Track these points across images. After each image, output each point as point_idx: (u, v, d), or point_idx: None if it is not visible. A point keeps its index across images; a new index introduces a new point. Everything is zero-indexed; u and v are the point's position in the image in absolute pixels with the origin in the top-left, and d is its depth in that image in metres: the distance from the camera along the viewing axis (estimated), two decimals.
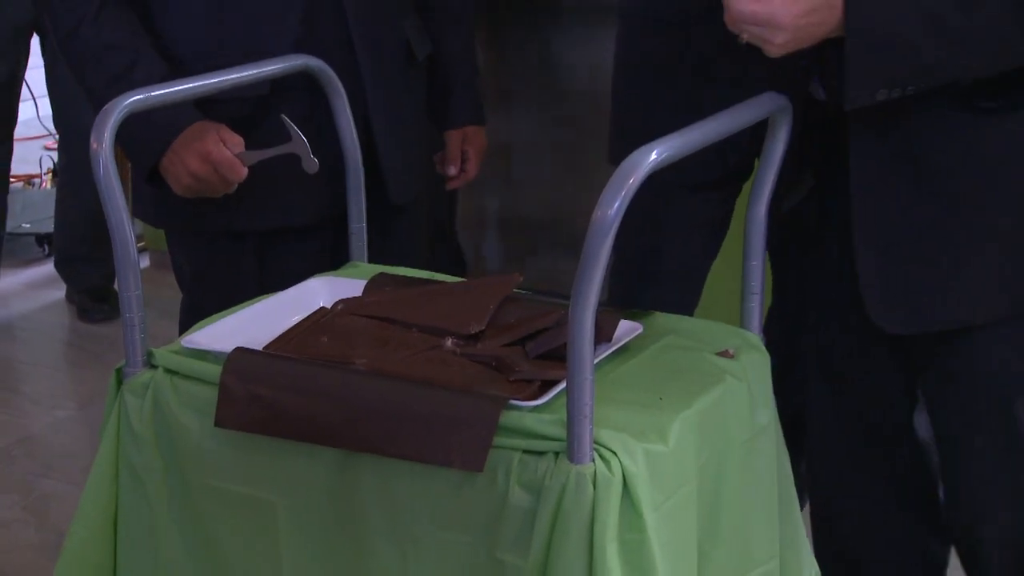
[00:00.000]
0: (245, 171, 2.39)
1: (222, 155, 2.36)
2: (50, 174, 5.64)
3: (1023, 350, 2.10)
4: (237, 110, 2.46)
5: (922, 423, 2.34)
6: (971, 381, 2.13)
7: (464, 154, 2.91)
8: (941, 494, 2.39)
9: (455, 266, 4.33)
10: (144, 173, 2.48)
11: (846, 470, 2.39)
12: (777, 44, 1.94)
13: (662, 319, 2.19)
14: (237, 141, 2.38)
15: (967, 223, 2.03)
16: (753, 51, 1.98)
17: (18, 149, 4.58)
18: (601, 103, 2.78)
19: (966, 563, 2.35)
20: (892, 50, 1.93)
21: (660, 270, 2.62)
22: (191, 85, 2.25)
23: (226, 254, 2.63)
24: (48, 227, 4.94)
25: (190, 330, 2.21)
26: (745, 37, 1.97)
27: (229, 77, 2.31)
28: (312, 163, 2.38)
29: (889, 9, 1.92)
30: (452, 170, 2.90)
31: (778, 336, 2.32)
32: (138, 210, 2.70)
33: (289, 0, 2.47)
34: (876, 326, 2.15)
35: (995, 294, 2.05)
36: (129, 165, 2.64)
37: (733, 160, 2.57)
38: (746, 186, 2.40)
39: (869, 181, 2.07)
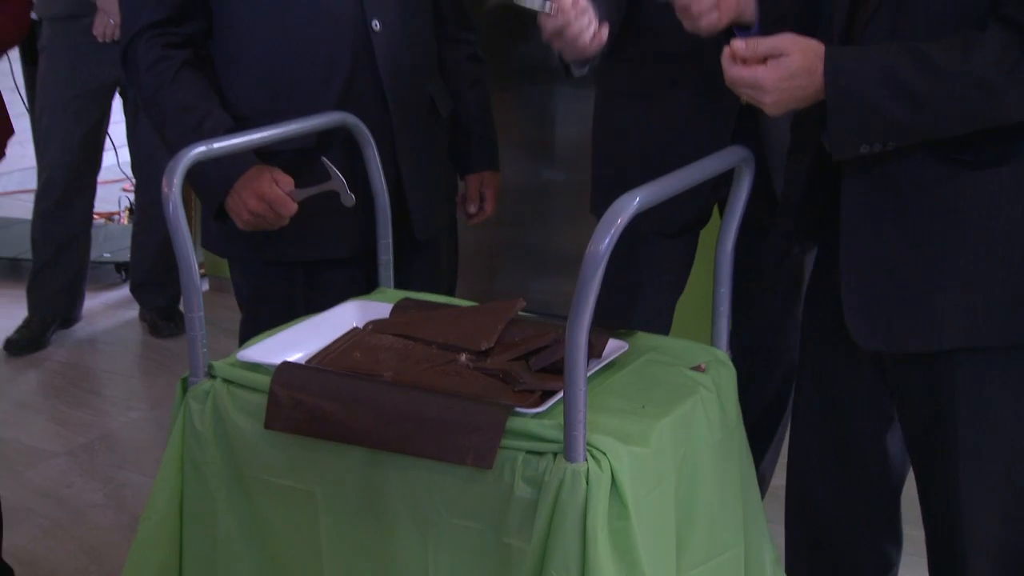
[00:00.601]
0: (295, 207, 2.35)
1: (275, 193, 2.32)
2: (127, 212, 5.62)
3: (982, 377, 2.02)
4: (287, 157, 2.41)
5: (895, 440, 2.27)
6: (935, 402, 2.06)
7: (482, 195, 2.85)
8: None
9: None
10: (212, 211, 2.44)
11: (822, 468, 2.33)
12: (767, 104, 1.94)
13: (644, 338, 2.16)
14: (288, 181, 2.35)
15: (939, 261, 1.96)
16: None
17: (100, 190, 4.59)
18: (585, 153, 2.74)
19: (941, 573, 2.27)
20: (867, 113, 1.90)
21: (636, 307, 2.59)
22: (248, 138, 2.24)
23: (278, 279, 2.59)
24: (125, 256, 4.91)
25: (244, 345, 2.18)
26: (743, 98, 1.97)
27: (280, 131, 2.29)
28: (349, 197, 2.35)
29: (863, 78, 1.89)
30: (472, 209, 2.85)
31: (738, 354, 2.26)
32: (206, 241, 2.67)
33: (334, 67, 2.44)
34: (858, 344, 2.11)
35: (959, 325, 1.98)
36: (198, 203, 2.59)
37: (695, 210, 2.55)
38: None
39: (856, 218, 2.02)
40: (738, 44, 1.92)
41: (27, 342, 4.39)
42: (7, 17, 2.49)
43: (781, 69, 1.90)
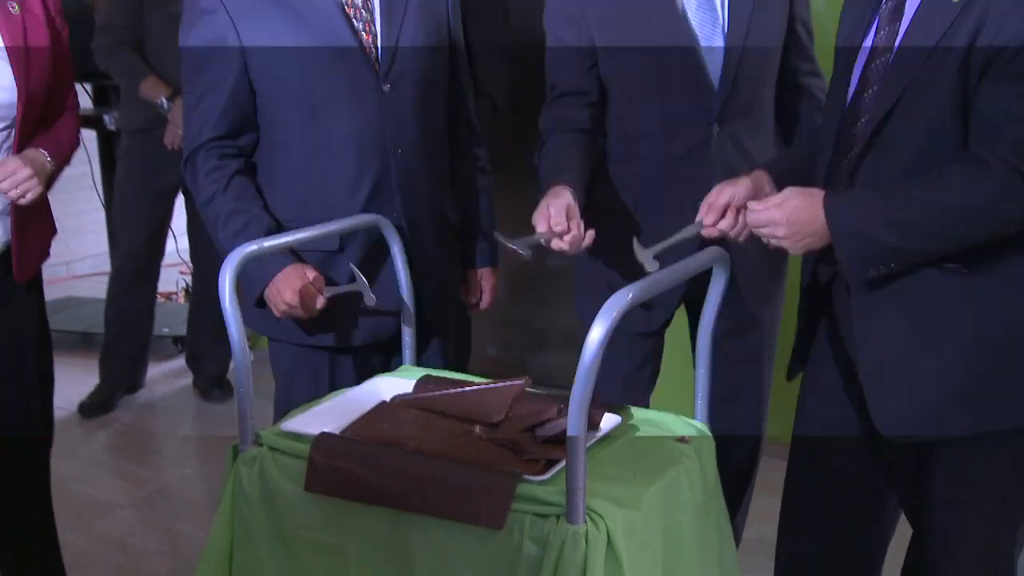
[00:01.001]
0: (323, 301, 2.34)
1: (308, 290, 2.31)
2: (183, 292, 5.63)
3: (974, 463, 2.01)
4: (316, 257, 2.40)
5: (879, 510, 2.24)
6: (933, 483, 2.04)
7: (480, 288, 2.82)
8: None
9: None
10: (253, 300, 2.42)
11: (813, 536, 2.28)
12: (784, 238, 1.97)
13: (636, 412, 2.14)
14: (319, 280, 2.34)
15: (944, 359, 1.95)
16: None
17: (160, 273, 4.59)
18: None
19: None
20: (866, 244, 1.92)
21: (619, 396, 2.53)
22: (290, 238, 2.25)
23: (307, 359, 2.55)
24: (181, 331, 4.92)
25: (286, 416, 2.17)
26: (764, 240, 2.00)
27: (320, 231, 2.30)
28: (371, 299, 2.35)
29: (857, 215, 1.92)
30: (473, 299, 2.82)
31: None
32: (248, 320, 2.61)
33: (359, 184, 2.43)
34: (865, 425, 2.09)
35: (958, 415, 1.96)
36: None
37: (670, 312, 2.55)
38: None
39: (869, 328, 2.01)
40: (753, 204, 2.00)
41: (98, 406, 4.39)
42: (70, 132, 2.53)
43: (788, 207, 1.94)
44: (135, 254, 4.35)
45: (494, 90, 3.76)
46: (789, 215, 1.94)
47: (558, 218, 2.18)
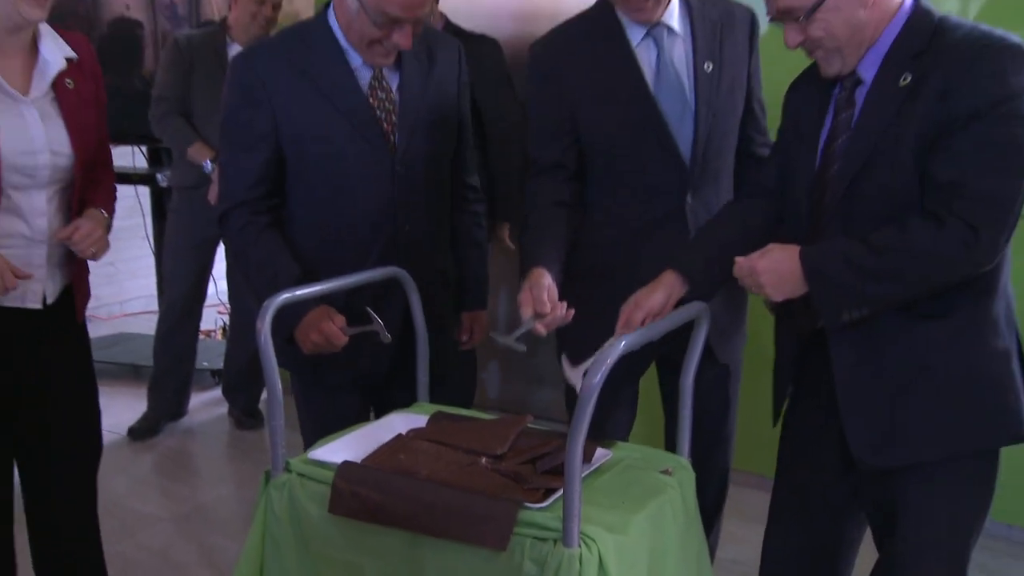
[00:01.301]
0: (346, 340, 2.34)
1: (332, 330, 2.31)
2: (221, 330, 5.62)
3: (943, 489, 2.02)
4: (337, 300, 2.39)
5: (852, 532, 2.24)
6: (906, 503, 2.04)
7: (472, 328, 2.81)
8: None
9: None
10: (284, 338, 2.41)
11: (793, 562, 2.26)
12: (765, 284, 1.95)
13: (624, 447, 2.14)
14: (341, 320, 2.34)
15: (913, 395, 1.97)
16: None
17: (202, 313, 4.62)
18: None
19: None
20: (838, 290, 1.92)
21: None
22: (316, 289, 2.24)
23: (327, 393, 2.56)
24: (218, 365, 4.92)
25: (313, 446, 2.17)
26: (752, 290, 1.99)
27: (345, 281, 2.30)
28: (386, 336, 2.36)
29: (830, 264, 1.91)
30: (464, 338, 2.80)
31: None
32: (279, 359, 2.63)
33: (372, 244, 2.44)
34: (839, 458, 2.09)
35: (929, 443, 1.98)
36: None
37: (648, 361, 2.55)
38: None
39: (846, 369, 2.01)
40: (738, 259, 1.98)
41: (145, 431, 4.39)
42: (113, 186, 2.55)
43: (767, 258, 1.94)
44: (182, 297, 4.36)
45: (505, 159, 3.80)
46: (770, 266, 1.94)
47: (540, 302, 2.18)
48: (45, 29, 2.32)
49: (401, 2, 2.24)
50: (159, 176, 4.66)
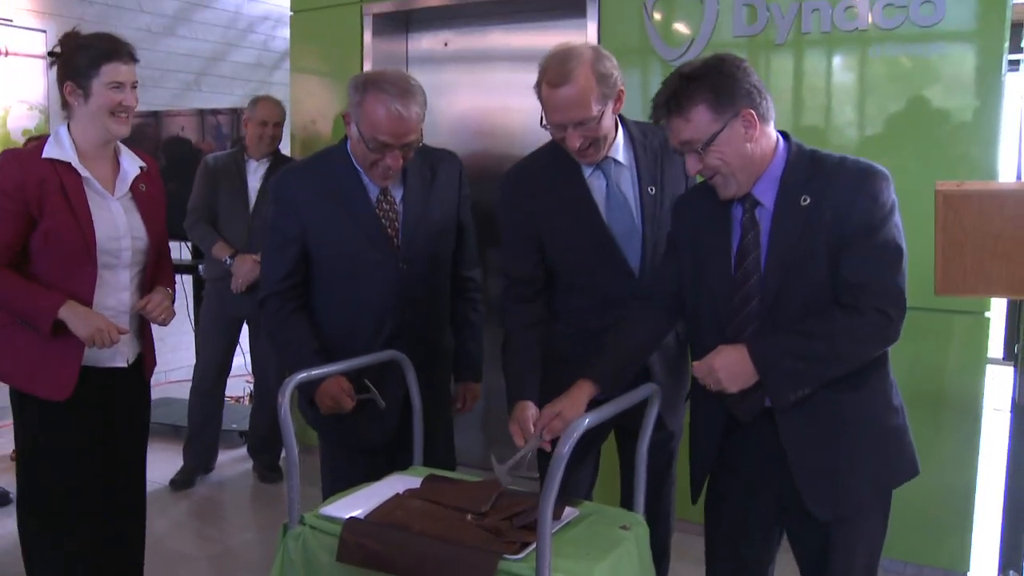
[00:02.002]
0: (352, 403, 2.37)
1: (340, 396, 2.35)
2: (247, 396, 5.51)
3: (864, 524, 2.01)
4: (350, 373, 2.37)
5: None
6: (835, 547, 2.01)
7: (465, 397, 2.77)
8: None
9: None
10: (307, 401, 2.44)
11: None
12: (723, 379, 1.91)
13: (589, 505, 2.08)
14: (350, 388, 2.37)
15: (844, 456, 1.95)
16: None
17: (229, 381, 4.53)
18: None
19: None
20: (785, 375, 1.90)
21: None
22: (330, 370, 2.24)
23: (347, 453, 2.53)
24: (244, 426, 4.82)
25: (323, 503, 2.10)
26: (710, 386, 1.94)
27: (355, 363, 2.28)
28: (382, 403, 2.40)
29: (777, 357, 1.90)
30: (458, 406, 2.76)
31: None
32: (306, 417, 2.61)
33: (380, 329, 2.45)
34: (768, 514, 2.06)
35: (864, 492, 1.97)
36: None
37: (606, 434, 2.50)
38: None
39: (793, 439, 1.96)
40: (695, 363, 1.96)
41: (182, 482, 4.27)
42: (172, 271, 2.66)
43: (720, 355, 1.92)
44: (213, 366, 4.32)
45: None
46: (725, 365, 1.91)
47: (527, 431, 2.12)
48: (122, 146, 2.52)
49: (388, 130, 2.31)
50: (200, 267, 4.62)
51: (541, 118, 2.26)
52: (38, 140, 2.53)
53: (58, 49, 2.43)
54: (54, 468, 2.43)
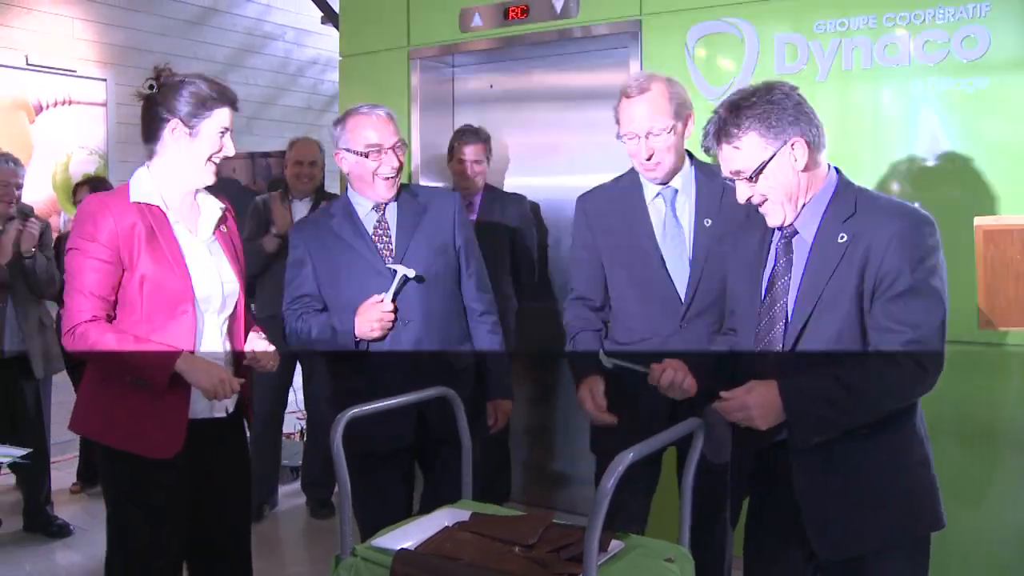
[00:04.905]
0: (391, 308, 2.62)
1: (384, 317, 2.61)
2: (299, 433, 5.59)
3: (896, 565, 2.01)
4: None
5: None
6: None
7: (496, 415, 2.86)
8: None
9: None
10: (354, 342, 2.65)
11: None
12: (755, 416, 1.94)
13: (634, 539, 2.10)
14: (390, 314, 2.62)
15: (860, 499, 1.96)
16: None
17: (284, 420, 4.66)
18: None
19: None
20: (812, 419, 1.92)
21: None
22: (379, 406, 2.26)
23: (369, 482, 2.62)
24: (297, 463, 4.91)
25: (374, 536, 2.14)
26: (741, 422, 1.96)
27: (403, 400, 2.34)
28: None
29: (806, 398, 1.91)
30: (490, 422, 2.85)
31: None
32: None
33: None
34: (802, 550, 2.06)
35: (875, 536, 1.96)
36: None
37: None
38: None
39: (807, 481, 1.99)
40: (724, 393, 1.98)
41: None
42: (251, 318, 2.62)
43: (754, 394, 1.94)
44: (269, 407, 4.40)
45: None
46: (757, 401, 1.93)
47: (598, 401, 2.46)
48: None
49: (375, 131, 2.62)
50: (251, 306, 4.72)
51: (617, 132, 2.50)
52: (87, 183, 2.52)
53: (154, 84, 2.31)
54: (146, 523, 2.29)
